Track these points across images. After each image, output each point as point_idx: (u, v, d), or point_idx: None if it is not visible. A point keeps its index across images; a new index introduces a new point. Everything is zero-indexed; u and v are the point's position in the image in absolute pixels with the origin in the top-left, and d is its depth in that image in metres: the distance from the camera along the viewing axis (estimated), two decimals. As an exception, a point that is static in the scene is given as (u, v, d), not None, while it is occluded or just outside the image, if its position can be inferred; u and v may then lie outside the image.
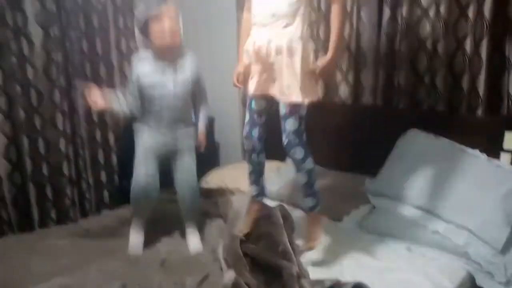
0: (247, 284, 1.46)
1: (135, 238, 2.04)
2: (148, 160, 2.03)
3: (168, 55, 1.93)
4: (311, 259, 1.75)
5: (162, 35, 1.85)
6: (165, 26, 1.84)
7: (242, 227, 1.93)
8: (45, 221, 2.74)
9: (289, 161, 2.47)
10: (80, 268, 1.73)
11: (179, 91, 1.97)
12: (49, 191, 2.75)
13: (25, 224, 2.66)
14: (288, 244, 1.68)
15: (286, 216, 1.93)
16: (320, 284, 1.47)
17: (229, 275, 1.49)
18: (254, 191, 1.97)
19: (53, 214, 2.79)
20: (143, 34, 1.93)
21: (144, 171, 2.03)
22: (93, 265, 1.76)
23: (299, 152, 1.71)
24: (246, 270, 1.56)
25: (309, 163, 1.74)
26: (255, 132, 1.83)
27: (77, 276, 1.66)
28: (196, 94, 2.11)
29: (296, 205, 2.24)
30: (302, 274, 1.54)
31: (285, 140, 1.71)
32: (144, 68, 1.94)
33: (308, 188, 1.77)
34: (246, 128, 1.85)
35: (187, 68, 1.98)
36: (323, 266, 1.74)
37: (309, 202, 1.79)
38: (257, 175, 1.95)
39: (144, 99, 1.99)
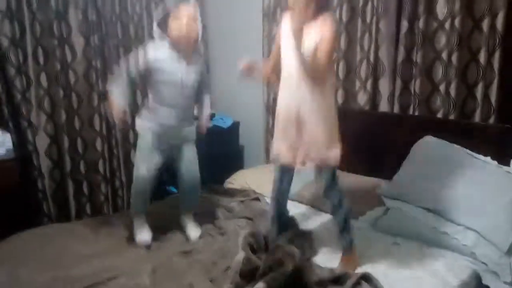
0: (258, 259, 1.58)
1: (142, 231, 2.07)
2: (152, 155, 2.05)
3: (183, 48, 1.98)
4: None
5: (179, 30, 1.92)
6: (183, 23, 1.91)
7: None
8: (81, 215, 2.95)
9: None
10: (113, 253, 1.91)
11: (187, 81, 2.01)
12: (85, 187, 2.96)
13: (63, 217, 2.89)
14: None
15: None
16: (331, 272, 1.60)
17: (239, 255, 1.62)
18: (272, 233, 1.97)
19: (88, 209, 3.00)
20: (161, 28, 1.98)
21: (146, 167, 2.04)
22: (124, 250, 1.94)
23: (335, 196, 1.83)
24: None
25: (345, 209, 1.84)
26: (285, 186, 1.93)
27: (112, 259, 1.84)
28: (200, 86, 2.13)
29: (315, 207, 2.37)
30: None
31: (323, 192, 1.84)
32: (157, 53, 1.96)
33: (344, 231, 1.84)
34: (277, 184, 1.92)
35: (197, 62, 2.06)
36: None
37: (343, 240, 1.85)
38: (277, 228, 1.98)
39: (151, 85, 2.01)
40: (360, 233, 2.09)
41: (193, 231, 2.14)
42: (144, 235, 2.07)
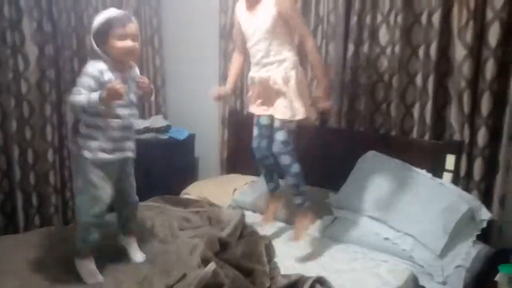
0: (225, 275, 1.69)
1: (91, 274, 1.83)
2: (106, 180, 1.84)
3: (123, 67, 1.85)
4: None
5: (126, 51, 1.78)
6: (129, 44, 1.78)
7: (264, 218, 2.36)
8: (29, 227, 2.87)
9: (262, 176, 2.76)
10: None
11: (132, 96, 1.88)
12: (34, 199, 2.90)
13: (10, 229, 2.81)
14: (263, 250, 1.90)
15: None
16: (287, 277, 1.73)
17: (209, 266, 1.70)
18: (270, 187, 2.33)
19: (37, 220, 2.94)
20: (100, 46, 1.78)
21: (103, 205, 1.84)
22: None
23: (285, 159, 2.06)
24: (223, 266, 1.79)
25: (295, 168, 2.08)
26: (264, 143, 2.20)
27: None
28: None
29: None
30: (273, 272, 1.80)
31: (274, 147, 2.08)
32: (105, 76, 1.77)
33: (296, 188, 2.11)
34: (256, 140, 2.22)
35: (134, 72, 1.93)
36: (290, 267, 1.99)
37: (297, 200, 2.12)
38: (271, 175, 2.31)
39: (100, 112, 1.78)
40: (311, 240, 2.24)
41: (138, 255, 2.01)
42: (94, 277, 1.84)
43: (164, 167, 3.16)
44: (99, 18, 1.80)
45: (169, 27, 3.53)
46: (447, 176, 2.32)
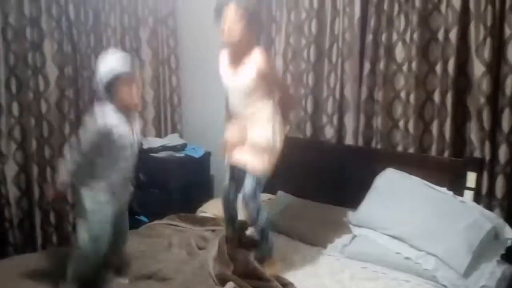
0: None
1: None
2: (107, 230, 1.88)
3: (129, 110, 1.91)
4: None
5: (130, 98, 1.84)
6: (133, 91, 1.85)
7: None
8: (46, 245, 2.90)
9: (279, 193, 2.76)
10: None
11: (136, 142, 1.95)
12: (52, 217, 2.92)
13: (29, 247, 2.83)
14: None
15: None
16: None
17: (228, 285, 1.69)
18: (229, 231, 2.28)
19: (54, 239, 2.95)
20: (107, 91, 1.82)
21: (104, 244, 1.88)
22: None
23: (251, 208, 2.03)
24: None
25: (262, 221, 2.06)
26: (232, 194, 2.19)
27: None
28: None
29: (282, 232, 2.45)
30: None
31: (242, 194, 2.05)
32: (113, 119, 1.82)
33: (260, 239, 2.10)
34: (226, 189, 2.21)
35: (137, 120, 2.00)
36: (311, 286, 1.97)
37: (260, 252, 2.10)
38: (232, 222, 2.28)
39: (102, 154, 1.84)
40: (330, 259, 2.21)
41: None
42: None
43: (180, 185, 3.17)
44: (105, 69, 1.82)
45: (185, 47, 3.58)
46: (469, 194, 2.28)
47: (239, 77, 2.02)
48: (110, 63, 1.83)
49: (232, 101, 2.11)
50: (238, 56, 2.02)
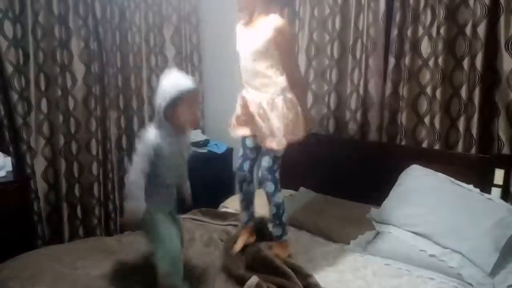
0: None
1: None
2: (172, 232, 1.87)
3: (183, 131, 1.86)
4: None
5: (190, 117, 1.80)
6: (195, 110, 1.86)
7: (235, 247, 2.14)
8: (74, 238, 2.96)
9: (301, 189, 2.75)
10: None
11: (184, 161, 1.91)
12: (79, 210, 2.99)
13: (56, 240, 2.90)
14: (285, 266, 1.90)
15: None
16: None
17: (253, 279, 1.70)
18: (245, 217, 2.19)
19: (81, 232, 3.02)
20: (167, 113, 1.74)
21: (176, 245, 1.86)
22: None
23: (269, 186, 1.99)
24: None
25: (278, 198, 2.02)
26: (247, 165, 2.09)
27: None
28: None
29: (304, 228, 2.46)
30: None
31: (259, 173, 2.01)
32: (170, 143, 1.77)
33: (276, 219, 2.05)
34: (239, 161, 2.11)
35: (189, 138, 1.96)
36: (334, 282, 1.96)
37: (276, 231, 2.07)
38: (247, 203, 2.18)
39: (156, 171, 1.78)
40: (353, 256, 2.20)
41: None
42: None
43: (202, 180, 3.19)
44: (172, 89, 1.71)
45: (208, 43, 3.60)
46: (496, 191, 2.24)
47: (253, 35, 1.91)
48: (176, 80, 1.75)
49: (243, 66, 1.98)
50: (253, 20, 1.93)
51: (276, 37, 1.84)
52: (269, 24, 1.86)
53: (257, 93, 1.95)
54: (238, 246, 2.15)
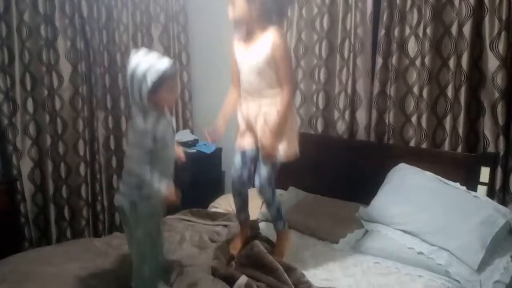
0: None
1: None
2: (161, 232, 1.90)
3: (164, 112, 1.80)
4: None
5: (172, 100, 1.82)
6: (176, 95, 1.88)
7: (233, 246, 2.16)
8: (61, 240, 2.94)
9: (290, 189, 2.75)
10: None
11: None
12: (67, 212, 2.96)
13: (43, 242, 2.88)
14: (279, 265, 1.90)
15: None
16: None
17: (242, 278, 1.70)
18: (242, 217, 2.22)
19: (68, 234, 3.00)
20: (149, 98, 1.68)
21: (163, 247, 1.91)
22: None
23: (268, 194, 2.04)
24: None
25: (276, 201, 2.09)
26: (246, 173, 2.10)
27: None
28: None
29: (293, 227, 2.40)
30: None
31: (256, 182, 2.03)
32: (162, 126, 1.73)
33: (278, 218, 2.11)
34: (238, 171, 2.09)
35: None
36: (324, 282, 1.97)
37: (279, 226, 2.13)
38: (244, 206, 2.20)
39: (157, 158, 1.74)
40: (342, 255, 2.22)
41: None
42: None
43: (191, 180, 3.18)
44: (152, 73, 1.64)
45: (196, 43, 3.59)
46: (482, 189, 2.27)
47: (252, 53, 1.93)
48: (152, 61, 1.66)
49: (245, 79, 2.00)
50: (250, 33, 1.94)
51: (275, 54, 1.87)
52: (267, 39, 1.88)
53: (259, 105, 1.98)
54: (239, 245, 2.17)
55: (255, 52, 1.92)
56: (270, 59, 1.89)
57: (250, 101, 2.01)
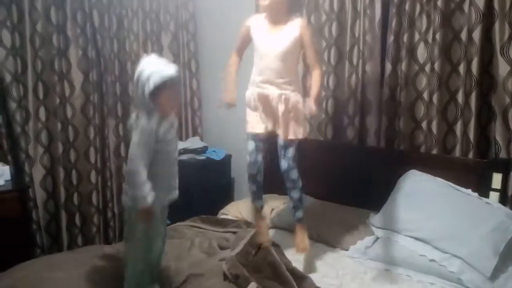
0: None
1: None
2: (161, 229, 1.92)
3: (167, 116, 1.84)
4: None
5: (173, 103, 1.83)
6: (177, 95, 1.89)
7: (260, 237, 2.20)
8: (72, 247, 2.96)
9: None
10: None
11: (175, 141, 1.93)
12: (78, 219, 2.99)
13: (55, 249, 2.90)
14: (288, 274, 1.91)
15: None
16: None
17: (251, 286, 1.70)
18: (259, 204, 2.31)
19: (79, 241, 3.02)
20: (153, 94, 1.73)
21: (159, 245, 1.93)
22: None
23: (294, 173, 2.13)
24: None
25: (300, 182, 2.17)
26: (260, 157, 2.19)
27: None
28: None
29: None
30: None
31: (284, 164, 2.12)
32: (164, 127, 1.79)
33: (299, 202, 2.19)
34: (252, 156, 2.18)
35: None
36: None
37: (298, 214, 2.20)
38: (259, 192, 2.30)
39: (158, 159, 1.80)
40: (352, 262, 2.20)
41: None
42: None
43: (201, 187, 3.20)
44: (156, 77, 1.71)
45: (206, 51, 3.62)
46: (494, 196, 2.24)
47: (278, 39, 2.06)
48: (158, 66, 1.75)
49: (267, 65, 2.09)
50: (277, 20, 2.08)
51: (304, 34, 2.05)
52: (295, 24, 2.06)
53: (280, 91, 2.08)
54: (267, 233, 2.25)
55: (281, 37, 2.06)
56: (297, 42, 2.05)
57: (269, 87, 2.09)
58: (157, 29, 3.31)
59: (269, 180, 3.17)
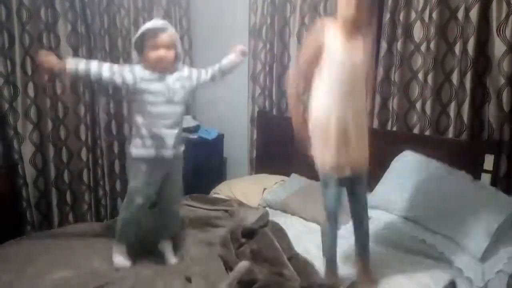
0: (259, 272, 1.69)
1: (121, 256, 1.99)
2: (148, 187, 1.96)
3: (161, 70, 1.91)
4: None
5: (156, 60, 1.86)
6: (160, 54, 1.85)
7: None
8: (63, 224, 2.93)
9: (293, 176, 2.72)
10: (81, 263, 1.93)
11: (174, 98, 1.92)
12: (69, 196, 2.96)
13: (45, 226, 2.88)
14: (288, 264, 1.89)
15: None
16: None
17: (243, 263, 1.71)
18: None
19: (71, 218, 3.00)
20: (139, 55, 1.93)
21: (142, 197, 1.96)
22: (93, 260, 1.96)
23: (366, 216, 1.89)
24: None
25: (368, 225, 1.90)
26: (338, 202, 1.82)
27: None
28: (202, 76, 2.15)
29: (296, 214, 2.49)
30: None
31: (356, 205, 1.87)
32: (139, 74, 1.87)
33: (368, 246, 1.91)
34: (333, 199, 1.84)
35: (181, 75, 1.98)
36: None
37: (367, 254, 1.90)
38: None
39: (139, 109, 1.90)
40: (344, 241, 2.20)
41: (172, 259, 2.05)
42: (122, 260, 1.98)
43: (193, 166, 3.17)
44: (139, 31, 1.90)
45: (198, 27, 3.55)
46: (486, 177, 2.25)
47: (357, 47, 1.71)
48: (143, 26, 1.91)
49: (341, 80, 1.69)
50: (355, 31, 1.71)
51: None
52: (367, 35, 1.76)
53: (356, 111, 1.72)
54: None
55: (359, 49, 1.71)
56: (371, 56, 1.80)
57: (343, 104, 1.69)
58: (148, 5, 3.22)
59: (261, 160, 3.19)
